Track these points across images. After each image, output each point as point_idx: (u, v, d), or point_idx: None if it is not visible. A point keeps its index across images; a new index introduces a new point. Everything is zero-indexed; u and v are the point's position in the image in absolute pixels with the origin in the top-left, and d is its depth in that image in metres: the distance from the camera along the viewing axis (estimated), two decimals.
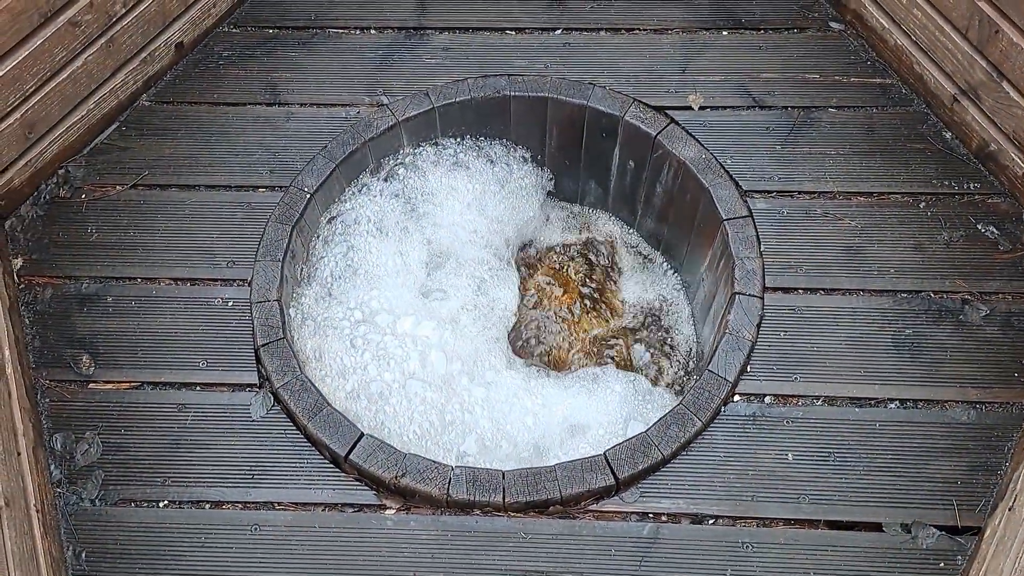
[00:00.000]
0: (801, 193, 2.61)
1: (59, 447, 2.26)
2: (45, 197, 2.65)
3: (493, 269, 2.89)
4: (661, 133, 2.69)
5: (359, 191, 2.77)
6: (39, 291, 2.49)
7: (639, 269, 3.09)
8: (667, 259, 3.05)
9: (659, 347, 2.94)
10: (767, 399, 2.29)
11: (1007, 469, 2.16)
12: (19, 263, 2.54)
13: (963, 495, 2.14)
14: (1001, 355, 2.32)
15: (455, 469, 2.16)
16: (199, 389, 2.34)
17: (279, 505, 2.18)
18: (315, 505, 2.18)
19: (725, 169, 2.63)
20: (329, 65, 2.89)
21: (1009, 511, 2.01)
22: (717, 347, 2.35)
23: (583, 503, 2.16)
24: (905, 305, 2.41)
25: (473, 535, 2.12)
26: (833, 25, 2.93)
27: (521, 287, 2.97)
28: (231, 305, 2.45)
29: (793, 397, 2.29)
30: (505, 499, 2.13)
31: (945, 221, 2.54)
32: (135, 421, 2.29)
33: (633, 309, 3.02)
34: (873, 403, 2.27)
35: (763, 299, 2.42)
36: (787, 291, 2.45)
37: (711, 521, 2.14)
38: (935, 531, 2.10)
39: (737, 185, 2.61)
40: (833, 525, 2.13)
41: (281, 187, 2.64)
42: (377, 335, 2.55)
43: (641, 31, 2.94)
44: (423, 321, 2.62)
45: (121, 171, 2.70)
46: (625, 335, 2.97)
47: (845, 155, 2.65)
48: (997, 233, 2.51)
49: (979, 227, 2.52)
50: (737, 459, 2.20)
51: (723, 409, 2.27)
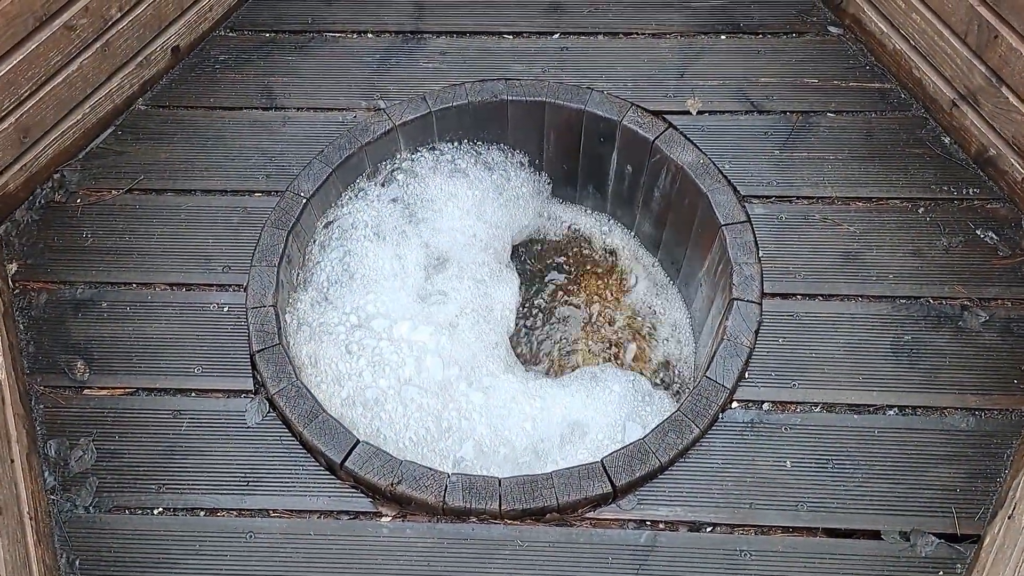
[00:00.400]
0: (799, 198, 2.60)
1: (53, 453, 2.25)
2: (40, 201, 2.64)
3: (493, 271, 2.87)
4: (659, 138, 2.68)
5: (356, 196, 2.77)
6: (34, 296, 2.48)
7: (637, 273, 3.08)
8: (665, 264, 3.04)
9: (657, 350, 2.93)
10: (765, 406, 2.28)
11: (1006, 476, 2.15)
12: (14, 268, 2.52)
13: (962, 503, 2.13)
14: (1000, 361, 2.31)
15: (451, 476, 2.15)
16: (194, 395, 2.33)
17: (274, 512, 2.17)
18: (310, 512, 2.17)
19: (723, 174, 2.62)
20: (326, 69, 2.88)
21: (1008, 519, 2.00)
22: (715, 353, 2.34)
23: (580, 511, 2.15)
24: (904, 311, 2.40)
25: (469, 543, 2.11)
26: (832, 29, 2.92)
27: (521, 288, 2.96)
28: (227, 311, 2.44)
29: (791, 404, 2.28)
30: (502, 507, 2.12)
31: (944, 226, 2.53)
32: (130, 427, 2.28)
33: (632, 312, 3.01)
34: (872, 410, 2.26)
35: (761, 305, 2.41)
36: (785, 297, 2.44)
37: (709, 529, 2.13)
38: (934, 539, 2.09)
39: (735, 190, 2.60)
40: (831, 533, 2.12)
41: (277, 192, 2.63)
42: (373, 340, 2.54)
43: (639, 35, 2.93)
44: (420, 326, 2.61)
45: (117, 175, 2.69)
46: (623, 338, 2.96)
47: (844, 160, 2.65)
48: (996, 239, 2.50)
49: (978, 232, 2.51)
50: (735, 466, 2.19)
51: (721, 416, 2.26)
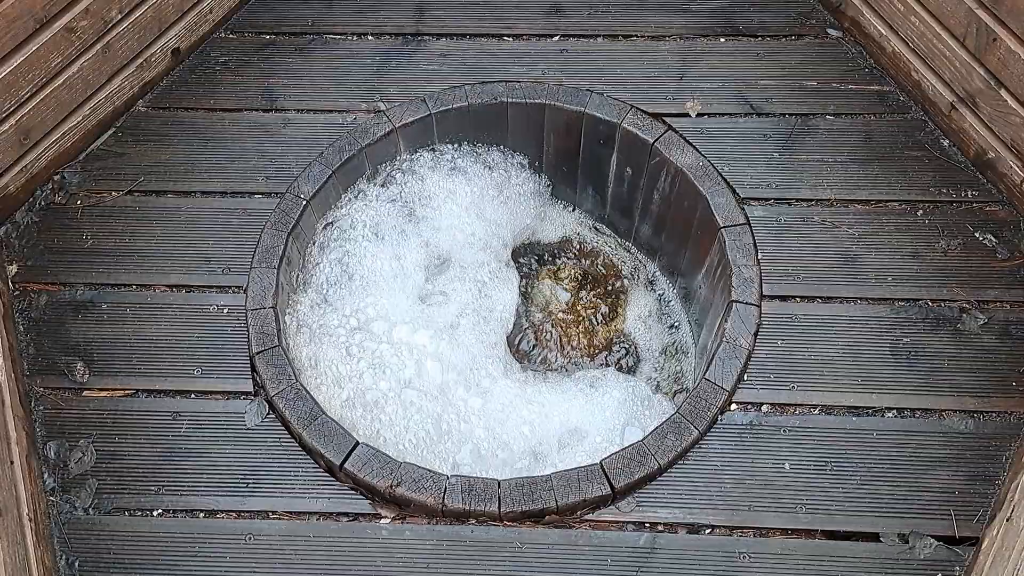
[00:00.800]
0: (798, 200, 2.60)
1: (53, 455, 2.25)
2: (40, 203, 2.64)
3: (492, 271, 2.87)
4: (658, 140, 2.68)
5: (356, 197, 2.77)
6: (33, 298, 2.48)
7: (636, 275, 3.08)
8: (664, 266, 3.04)
9: (656, 353, 2.93)
10: (764, 408, 2.28)
11: (1005, 479, 2.15)
12: (14, 269, 2.53)
13: (961, 505, 2.13)
14: (999, 364, 2.31)
15: (450, 478, 2.16)
16: (194, 397, 2.33)
17: (273, 514, 2.17)
18: (310, 514, 2.17)
19: (722, 176, 2.62)
20: (326, 71, 2.89)
21: (1007, 521, 2.00)
22: (714, 355, 2.34)
23: (579, 512, 2.15)
24: (903, 313, 2.40)
25: (468, 545, 2.11)
26: (831, 32, 2.92)
27: (521, 289, 2.96)
28: (226, 312, 2.45)
29: (790, 406, 2.28)
30: (501, 508, 2.12)
31: (943, 229, 2.53)
32: (129, 429, 2.28)
33: (631, 315, 3.01)
34: (870, 412, 2.27)
35: (760, 307, 2.41)
36: (784, 299, 2.44)
37: (708, 531, 2.13)
38: (932, 541, 2.09)
39: (734, 192, 2.60)
40: (830, 535, 2.12)
41: (277, 193, 2.63)
42: (373, 343, 2.54)
43: (639, 38, 2.94)
44: (419, 329, 2.61)
45: (117, 177, 2.69)
46: (622, 341, 2.96)
47: (842, 162, 2.65)
48: (995, 241, 2.50)
49: (977, 235, 2.51)
50: (734, 468, 2.20)
51: (720, 418, 2.26)
